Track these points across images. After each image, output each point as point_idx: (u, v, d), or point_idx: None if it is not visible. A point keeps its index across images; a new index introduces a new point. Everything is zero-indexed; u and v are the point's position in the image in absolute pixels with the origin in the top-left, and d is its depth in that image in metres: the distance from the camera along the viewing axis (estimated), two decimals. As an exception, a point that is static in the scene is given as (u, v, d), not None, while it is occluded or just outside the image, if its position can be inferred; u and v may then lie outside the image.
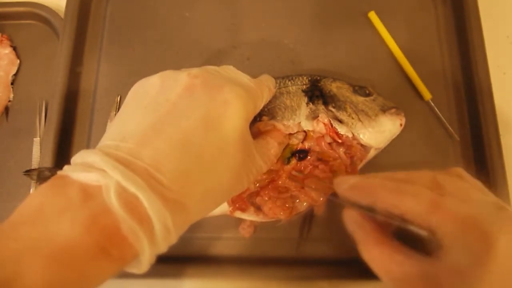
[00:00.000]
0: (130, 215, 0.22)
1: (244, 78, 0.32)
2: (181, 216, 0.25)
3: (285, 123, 0.38)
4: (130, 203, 0.22)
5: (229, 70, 0.32)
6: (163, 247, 0.24)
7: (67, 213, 0.21)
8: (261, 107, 0.33)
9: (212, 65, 0.32)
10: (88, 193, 0.22)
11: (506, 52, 0.49)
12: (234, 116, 0.27)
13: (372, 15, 0.48)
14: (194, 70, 0.29)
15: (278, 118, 0.38)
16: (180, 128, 0.25)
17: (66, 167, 0.24)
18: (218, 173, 0.27)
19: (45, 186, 0.23)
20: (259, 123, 0.38)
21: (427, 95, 0.45)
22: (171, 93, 0.27)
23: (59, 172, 0.24)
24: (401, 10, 0.49)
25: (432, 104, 0.45)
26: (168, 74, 0.29)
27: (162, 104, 0.26)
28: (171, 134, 0.25)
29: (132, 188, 0.22)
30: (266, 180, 0.38)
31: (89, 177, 0.23)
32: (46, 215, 0.22)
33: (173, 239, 0.25)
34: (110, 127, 0.27)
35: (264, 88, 0.34)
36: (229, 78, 0.30)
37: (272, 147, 0.35)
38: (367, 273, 0.39)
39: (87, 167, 0.23)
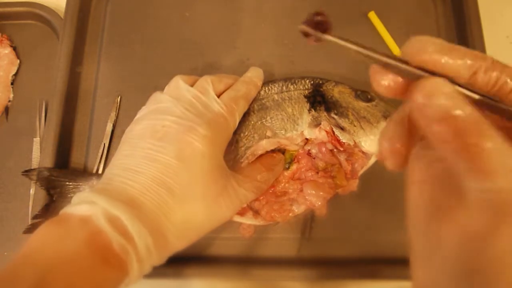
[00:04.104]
0: (118, 233, 0.27)
1: (216, 106, 0.34)
2: (160, 241, 0.29)
3: (288, 136, 0.38)
4: (116, 223, 0.27)
5: (203, 95, 0.34)
6: (147, 266, 0.29)
7: (69, 236, 0.26)
8: (235, 127, 0.35)
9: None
10: (84, 220, 0.27)
11: (506, 52, 0.49)
12: (199, 156, 0.31)
13: (372, 15, 0.48)
14: (168, 118, 0.32)
15: (281, 131, 0.38)
16: (156, 167, 0.30)
17: (64, 208, 0.29)
18: (190, 204, 0.31)
19: (47, 222, 0.27)
20: (263, 156, 0.38)
21: (427, 95, 0.45)
22: (149, 138, 0.32)
23: (60, 213, 0.29)
24: (401, 10, 0.49)
25: (432, 104, 0.44)
26: (150, 116, 0.34)
27: (142, 147, 0.32)
28: (149, 172, 0.30)
29: (116, 212, 0.27)
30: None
31: (81, 209, 0.28)
32: (51, 241, 0.26)
33: (155, 260, 0.29)
34: (106, 170, 0.33)
35: (235, 112, 0.35)
36: (200, 114, 0.33)
37: (259, 173, 0.36)
38: (368, 273, 0.39)
39: (80, 203, 0.29)
